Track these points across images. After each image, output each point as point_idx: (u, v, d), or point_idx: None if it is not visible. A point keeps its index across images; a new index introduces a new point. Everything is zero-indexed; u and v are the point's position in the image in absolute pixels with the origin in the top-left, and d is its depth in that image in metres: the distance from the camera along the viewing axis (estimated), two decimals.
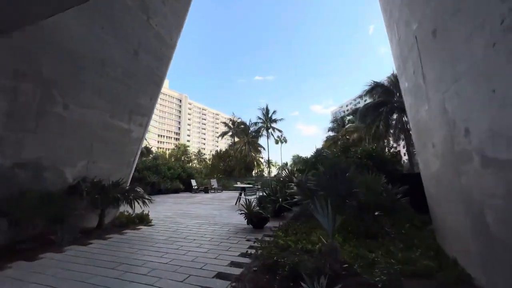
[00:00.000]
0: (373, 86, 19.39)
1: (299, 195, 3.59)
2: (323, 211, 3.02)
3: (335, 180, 3.00)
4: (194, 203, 10.52)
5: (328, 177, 3.09)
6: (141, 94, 7.29)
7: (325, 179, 3.08)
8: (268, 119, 45.59)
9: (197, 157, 75.64)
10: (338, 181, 2.98)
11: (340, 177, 2.97)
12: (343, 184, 2.98)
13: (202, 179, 24.57)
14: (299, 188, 3.53)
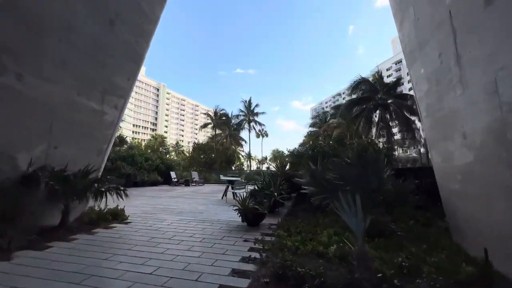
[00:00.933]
0: (359, 82, 19.47)
1: (312, 189, 3.01)
2: (350, 209, 2.49)
3: (364, 172, 2.44)
4: (175, 196, 9.64)
5: (357, 168, 2.54)
6: (117, 72, 6.24)
7: (352, 170, 2.52)
8: (251, 112, 44.89)
9: (175, 148, 73.03)
10: (369, 172, 2.43)
11: (371, 168, 2.42)
12: (375, 176, 2.44)
13: (181, 171, 23.47)
14: (313, 181, 2.94)
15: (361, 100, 19.21)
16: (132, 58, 6.68)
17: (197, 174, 17.39)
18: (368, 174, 2.46)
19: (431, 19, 3.85)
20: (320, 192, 2.94)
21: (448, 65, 3.42)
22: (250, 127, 45.69)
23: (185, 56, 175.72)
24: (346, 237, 3.76)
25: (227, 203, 8.01)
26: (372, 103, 19.07)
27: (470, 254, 3.09)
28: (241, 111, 44.74)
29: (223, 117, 39.69)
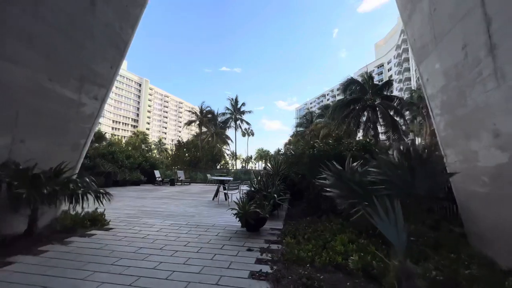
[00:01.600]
0: (349, 82, 19.54)
1: (338, 192, 2.60)
2: (389, 218, 2.10)
3: (412, 175, 2.06)
4: (161, 197, 8.91)
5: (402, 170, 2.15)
6: (98, 57, 5.50)
7: (399, 172, 2.13)
8: (237, 110, 44.27)
9: (157, 146, 70.65)
10: (418, 176, 2.05)
11: (422, 170, 2.04)
12: (426, 180, 2.07)
13: (165, 170, 22.48)
14: (339, 183, 2.53)
15: (352, 100, 19.30)
16: (116, 44, 5.94)
17: (183, 173, 16.58)
18: (415, 177, 2.08)
19: (454, 9, 3.56)
20: (348, 196, 2.52)
21: (475, 57, 3.14)
22: (236, 125, 45.09)
23: (169, 52, 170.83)
24: (363, 245, 3.41)
25: (219, 204, 7.47)
26: (361, 104, 19.22)
27: (501, 265, 2.84)
28: (227, 109, 43.99)
29: (209, 115, 38.73)
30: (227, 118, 43.56)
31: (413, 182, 2.11)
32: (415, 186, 2.11)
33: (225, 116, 42.49)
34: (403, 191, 2.17)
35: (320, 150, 6.39)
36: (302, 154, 7.07)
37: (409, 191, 2.15)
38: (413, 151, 2.15)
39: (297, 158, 7.42)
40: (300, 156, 7.25)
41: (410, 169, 2.11)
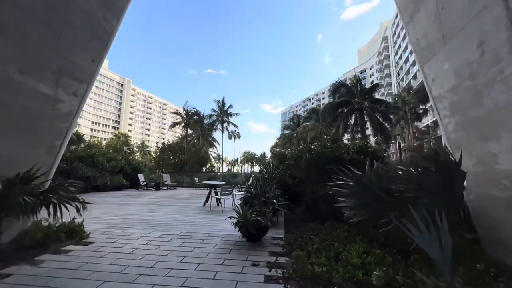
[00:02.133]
0: (338, 85, 19.71)
1: (355, 201, 2.28)
2: (429, 231, 1.81)
3: (450, 182, 1.78)
4: (147, 203, 8.27)
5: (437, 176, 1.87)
6: (78, 49, 4.92)
7: (431, 178, 1.84)
8: (224, 112, 43.70)
9: (140, 149, 68.27)
10: (457, 183, 1.77)
11: (460, 177, 1.77)
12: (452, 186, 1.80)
13: (148, 173, 21.53)
14: (361, 190, 2.21)
15: (340, 103, 19.47)
16: (98, 35, 5.37)
17: (169, 176, 15.81)
18: (453, 184, 1.81)
19: (467, 6, 3.42)
20: (371, 206, 2.22)
21: (495, 55, 2.99)
22: (223, 128, 44.47)
23: (152, 53, 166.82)
24: (379, 256, 3.12)
25: (211, 211, 6.99)
26: (349, 107, 19.43)
27: None
28: (213, 111, 43.31)
29: (195, 116, 37.83)
30: (214, 120, 42.86)
31: (452, 188, 1.84)
32: (453, 193, 1.84)
33: (212, 118, 41.76)
34: (441, 199, 1.89)
35: (318, 153, 6.12)
36: (299, 157, 6.78)
37: (447, 200, 1.88)
38: (443, 156, 1.88)
39: (294, 161, 7.12)
40: (297, 159, 6.95)
41: (448, 175, 1.83)
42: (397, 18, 56.20)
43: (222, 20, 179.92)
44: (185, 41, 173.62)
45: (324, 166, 6.00)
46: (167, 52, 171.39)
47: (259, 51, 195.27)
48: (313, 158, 6.06)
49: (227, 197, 7.03)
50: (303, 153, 7.00)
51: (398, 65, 57.01)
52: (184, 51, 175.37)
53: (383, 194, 2.12)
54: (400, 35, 54.96)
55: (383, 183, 2.22)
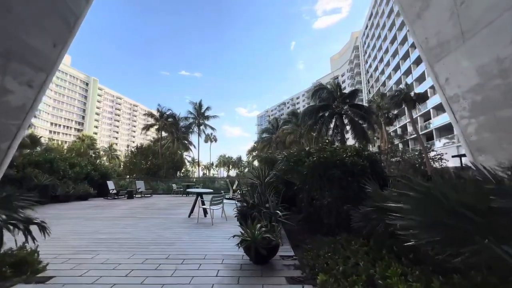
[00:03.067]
0: (318, 88, 19.82)
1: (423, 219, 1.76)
2: None
3: None
4: (121, 216, 7.11)
5: None
6: (34, 28, 3.90)
7: None
8: (201, 114, 42.28)
9: (107, 153, 63.45)
10: None
11: None
12: None
13: (118, 179, 19.74)
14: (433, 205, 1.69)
15: (321, 107, 19.56)
16: (62, 15, 4.36)
17: (143, 183, 14.39)
18: None
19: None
20: (448, 227, 1.70)
21: None
22: (199, 130, 42.96)
23: (122, 51, 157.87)
24: (420, 278, 2.64)
25: (199, 223, 6.14)
26: (330, 111, 19.61)
27: None
28: (190, 113, 41.67)
29: (170, 119, 35.91)
30: (190, 123, 41.19)
31: None
32: None
33: (188, 121, 40.08)
34: None
35: (320, 157, 5.64)
36: (297, 161, 6.26)
37: None
38: None
39: (291, 166, 6.57)
40: (295, 164, 6.42)
41: None
42: (367, 29, 59.63)
43: (197, 22, 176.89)
44: (158, 41, 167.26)
45: (326, 171, 5.54)
46: (138, 52, 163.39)
47: (235, 55, 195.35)
48: (315, 163, 5.56)
49: (217, 207, 6.24)
50: (301, 157, 6.50)
51: (368, 73, 60.27)
52: (156, 51, 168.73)
53: (469, 212, 1.62)
54: (370, 45, 58.21)
55: (464, 197, 1.72)
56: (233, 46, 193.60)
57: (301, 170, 5.84)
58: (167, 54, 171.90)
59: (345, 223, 5.30)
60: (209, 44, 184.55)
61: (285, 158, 7.10)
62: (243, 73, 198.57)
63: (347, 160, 5.62)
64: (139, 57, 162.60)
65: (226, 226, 5.85)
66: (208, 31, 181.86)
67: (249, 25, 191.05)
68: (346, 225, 5.22)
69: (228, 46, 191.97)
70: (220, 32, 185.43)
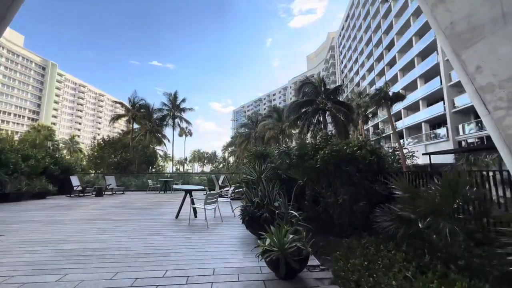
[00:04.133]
0: (304, 83, 19.53)
1: None
2: None
3: None
4: (92, 219, 5.91)
5: None
6: None
7: None
8: (176, 106, 40.08)
9: (68, 145, 57.78)
10: None
11: None
12: None
13: (82, 174, 17.72)
14: None
15: (305, 102, 19.31)
16: None
17: (114, 179, 12.83)
18: None
19: None
20: None
21: None
22: (174, 123, 40.75)
23: (87, 36, 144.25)
24: None
25: (192, 226, 5.26)
26: (314, 106, 19.47)
27: None
28: (164, 105, 39.25)
29: (142, 109, 33.30)
30: (164, 115, 38.83)
31: None
32: None
33: (162, 112, 37.71)
34: None
35: (332, 151, 5.10)
36: (301, 156, 5.65)
37: None
38: None
39: (295, 161, 5.96)
40: (299, 159, 5.81)
41: None
42: (343, 30, 61.40)
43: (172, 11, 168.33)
44: (127, 27, 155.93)
45: (338, 166, 5.03)
46: (105, 37, 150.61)
47: (210, 48, 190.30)
48: (327, 157, 5.00)
49: (211, 207, 5.42)
50: (307, 151, 5.92)
51: (343, 73, 62.28)
52: (125, 38, 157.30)
53: None
54: (345, 46, 60.02)
55: None
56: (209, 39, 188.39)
57: (311, 165, 5.25)
58: (137, 42, 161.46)
59: (359, 222, 4.87)
60: (183, 36, 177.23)
61: (285, 152, 6.49)
62: (218, 68, 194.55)
63: (357, 154, 5.14)
64: (106, 44, 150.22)
65: (225, 228, 5.07)
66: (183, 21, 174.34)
67: (225, 18, 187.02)
68: (360, 225, 4.78)
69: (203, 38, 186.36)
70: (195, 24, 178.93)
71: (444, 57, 23.99)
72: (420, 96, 27.58)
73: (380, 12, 39.16)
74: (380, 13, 38.94)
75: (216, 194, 5.48)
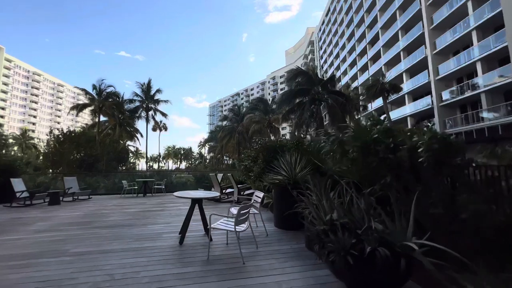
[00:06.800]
0: (297, 73, 17.82)
1: None
2: None
3: None
4: (29, 256, 3.52)
5: None
6: None
7: None
8: (150, 97, 36.31)
9: (20, 140, 50.39)
10: None
11: None
12: None
13: (35, 175, 14.49)
14: None
15: (299, 91, 17.64)
16: None
17: (76, 180, 9.97)
18: None
19: None
20: None
21: None
22: (148, 116, 36.96)
23: (43, 20, 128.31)
24: None
25: (212, 262, 3.13)
26: (309, 96, 17.88)
27: None
28: (136, 95, 35.29)
29: (110, 99, 29.16)
30: (137, 106, 34.94)
31: None
32: None
33: (134, 103, 33.84)
34: None
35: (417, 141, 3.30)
36: (366, 148, 3.80)
37: None
38: None
39: (356, 155, 4.07)
40: (364, 151, 3.95)
41: None
42: (324, 25, 61.12)
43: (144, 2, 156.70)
44: (90, 13, 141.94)
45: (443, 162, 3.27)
46: (62, 22, 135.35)
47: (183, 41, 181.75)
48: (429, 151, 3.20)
49: (244, 227, 3.35)
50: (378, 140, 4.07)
51: (323, 68, 62.20)
52: (87, 24, 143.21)
53: None
54: (326, 40, 59.82)
55: None
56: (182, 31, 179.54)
57: (394, 160, 3.41)
58: (102, 30, 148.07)
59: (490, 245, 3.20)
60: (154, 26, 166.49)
61: (340, 141, 4.61)
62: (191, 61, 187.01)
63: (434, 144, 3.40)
64: (65, 30, 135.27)
65: (272, 263, 3.05)
66: (153, 10, 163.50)
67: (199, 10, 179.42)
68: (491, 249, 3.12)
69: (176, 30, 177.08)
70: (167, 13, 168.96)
71: (432, 51, 23.95)
72: (406, 90, 27.58)
73: (363, 6, 38.88)
74: (364, 7, 38.65)
75: (249, 206, 3.42)
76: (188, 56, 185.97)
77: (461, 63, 21.24)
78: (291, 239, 4.00)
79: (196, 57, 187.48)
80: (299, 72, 18.51)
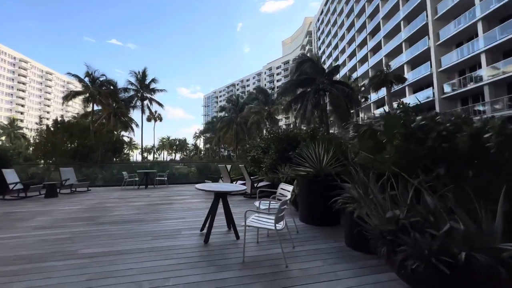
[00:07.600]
0: (302, 60, 17.23)
1: None
2: None
3: None
4: (32, 259, 3.05)
5: None
6: None
7: None
8: (145, 86, 35.14)
9: (8, 130, 48.61)
10: None
11: None
12: None
13: (26, 166, 13.84)
14: None
15: (306, 81, 17.11)
16: None
17: (73, 171, 9.37)
18: None
19: None
20: None
21: None
22: (143, 106, 35.91)
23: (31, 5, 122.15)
24: None
25: (250, 264, 2.73)
26: (314, 86, 17.39)
27: None
28: (130, 84, 34.08)
29: (104, 87, 27.96)
30: (131, 96, 33.80)
31: None
32: None
33: (129, 93, 32.69)
34: None
35: None
36: (412, 135, 3.39)
37: None
38: None
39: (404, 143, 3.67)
40: (409, 138, 3.54)
41: None
42: (322, 15, 59.93)
43: None
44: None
45: None
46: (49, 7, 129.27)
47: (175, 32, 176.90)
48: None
49: (281, 225, 2.95)
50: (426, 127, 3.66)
51: (321, 59, 61.40)
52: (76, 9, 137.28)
53: None
54: (324, 31, 58.79)
55: None
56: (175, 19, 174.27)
57: (448, 149, 3.01)
58: (91, 16, 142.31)
59: None
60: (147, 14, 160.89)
61: (371, 131, 4.19)
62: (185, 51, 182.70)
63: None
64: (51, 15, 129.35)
65: (322, 266, 2.66)
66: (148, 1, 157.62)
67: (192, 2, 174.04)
68: None
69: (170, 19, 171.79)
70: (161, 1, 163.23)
71: (435, 42, 23.61)
72: (407, 82, 27.33)
73: None
74: None
75: (286, 202, 3.00)
76: (181, 46, 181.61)
77: (464, 54, 20.98)
78: (327, 237, 3.61)
79: (189, 47, 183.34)
80: (305, 60, 17.92)
